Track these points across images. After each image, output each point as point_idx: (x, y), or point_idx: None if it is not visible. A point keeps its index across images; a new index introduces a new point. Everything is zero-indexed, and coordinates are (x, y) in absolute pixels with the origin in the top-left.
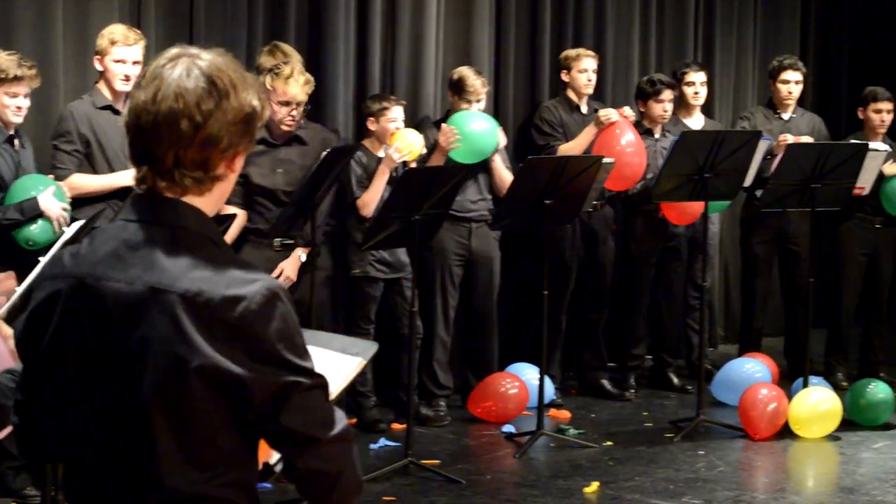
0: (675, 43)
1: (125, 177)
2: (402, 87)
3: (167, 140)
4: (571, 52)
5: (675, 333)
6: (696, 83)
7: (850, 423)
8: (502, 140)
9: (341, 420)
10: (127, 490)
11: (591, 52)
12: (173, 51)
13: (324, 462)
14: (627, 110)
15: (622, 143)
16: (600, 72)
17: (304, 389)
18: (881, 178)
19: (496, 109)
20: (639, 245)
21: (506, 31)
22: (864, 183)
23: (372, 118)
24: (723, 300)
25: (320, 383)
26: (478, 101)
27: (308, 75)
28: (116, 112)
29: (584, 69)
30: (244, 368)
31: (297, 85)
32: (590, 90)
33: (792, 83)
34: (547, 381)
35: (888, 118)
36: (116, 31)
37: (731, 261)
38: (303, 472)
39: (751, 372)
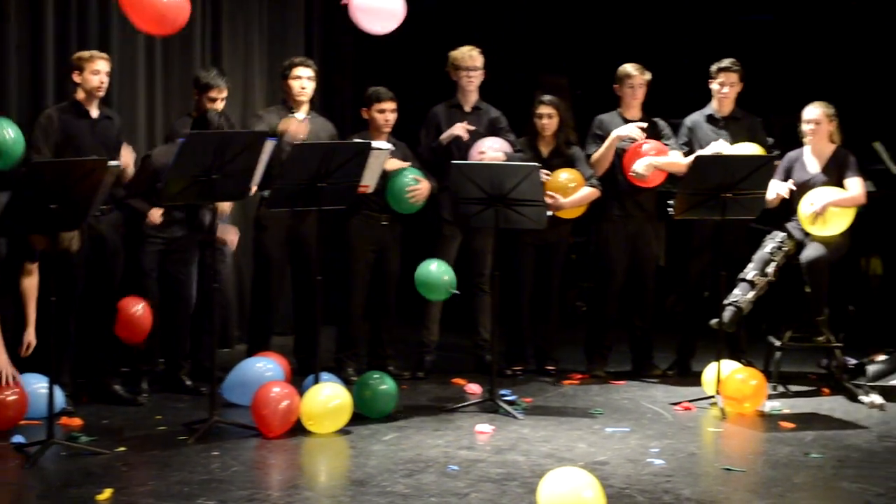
0: (182, 45)
1: None
2: None
3: None
4: (85, 54)
5: (187, 335)
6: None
7: (361, 418)
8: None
9: None
10: None
11: (104, 55)
12: None
13: None
14: None
15: None
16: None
17: None
18: (386, 176)
19: None
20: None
21: (5, 35)
22: (369, 181)
23: None
24: (238, 300)
25: None
26: None
27: None
28: None
29: (98, 70)
30: None
31: None
32: (101, 93)
33: (304, 79)
34: (57, 389)
35: (392, 117)
36: None
37: (244, 261)
38: None
39: (262, 371)
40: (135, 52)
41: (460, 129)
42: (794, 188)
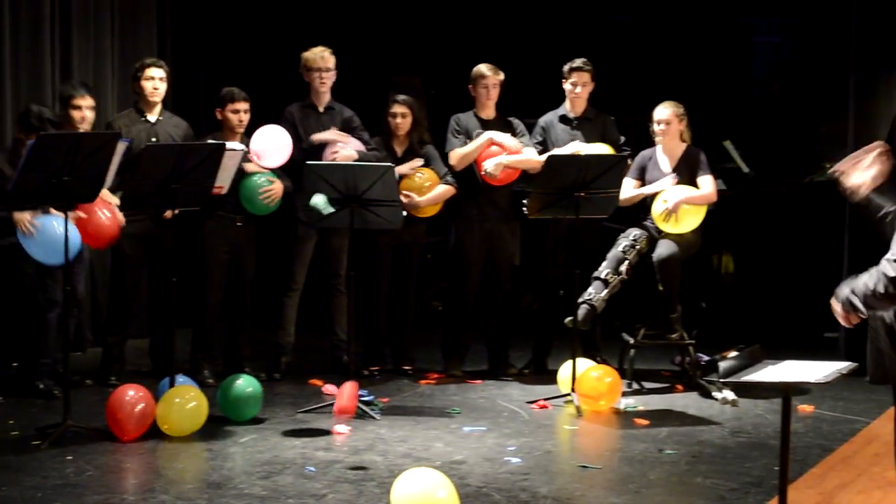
0: (31, 51)
1: None
2: None
3: None
4: None
5: (43, 337)
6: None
7: (218, 420)
8: None
9: None
10: None
11: None
12: None
13: None
14: None
15: None
16: None
17: None
18: (241, 177)
19: None
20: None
21: None
22: (223, 182)
23: None
24: (91, 303)
25: None
26: None
27: None
28: None
29: None
30: None
31: None
32: None
33: (156, 80)
34: None
35: (245, 118)
36: None
37: (97, 262)
38: None
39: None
40: None
41: (333, 135)
42: (675, 178)
